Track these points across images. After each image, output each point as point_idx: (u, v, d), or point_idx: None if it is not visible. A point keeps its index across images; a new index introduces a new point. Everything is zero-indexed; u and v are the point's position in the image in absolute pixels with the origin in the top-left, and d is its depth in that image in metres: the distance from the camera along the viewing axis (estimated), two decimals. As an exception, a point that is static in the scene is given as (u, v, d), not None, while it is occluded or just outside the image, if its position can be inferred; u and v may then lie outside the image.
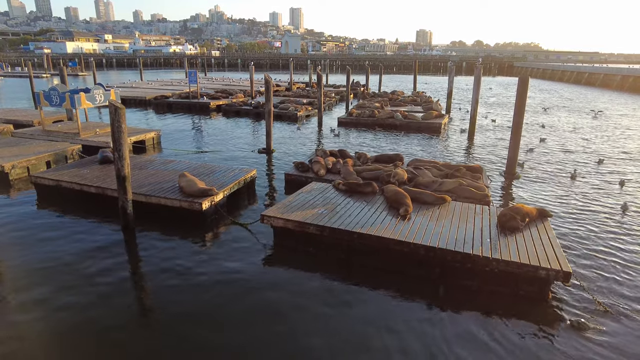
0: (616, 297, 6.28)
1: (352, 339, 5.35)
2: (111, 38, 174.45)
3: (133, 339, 5.39)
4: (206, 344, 5.25)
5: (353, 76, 34.11)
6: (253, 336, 5.40)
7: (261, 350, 5.17)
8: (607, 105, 31.87)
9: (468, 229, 7.22)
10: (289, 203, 8.37)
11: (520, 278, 6.20)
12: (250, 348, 5.20)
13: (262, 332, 5.48)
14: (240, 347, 5.20)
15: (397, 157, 12.17)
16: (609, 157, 14.96)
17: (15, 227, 8.66)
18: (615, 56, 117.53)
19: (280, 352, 5.13)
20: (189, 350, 5.13)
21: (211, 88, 35.77)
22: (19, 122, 18.50)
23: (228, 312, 5.88)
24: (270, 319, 5.73)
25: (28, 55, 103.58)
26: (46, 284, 6.51)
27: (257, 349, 5.19)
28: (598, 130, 20.86)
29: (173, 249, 7.74)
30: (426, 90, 41.74)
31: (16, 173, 11.68)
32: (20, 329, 5.53)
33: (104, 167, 10.95)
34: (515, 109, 12.25)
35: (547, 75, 72.32)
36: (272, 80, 15.04)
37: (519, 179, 12.18)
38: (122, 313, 5.88)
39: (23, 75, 58.71)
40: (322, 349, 5.18)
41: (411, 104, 27.29)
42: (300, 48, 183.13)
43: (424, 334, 5.45)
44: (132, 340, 5.36)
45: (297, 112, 23.00)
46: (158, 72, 76.18)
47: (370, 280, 6.72)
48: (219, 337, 5.40)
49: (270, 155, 14.99)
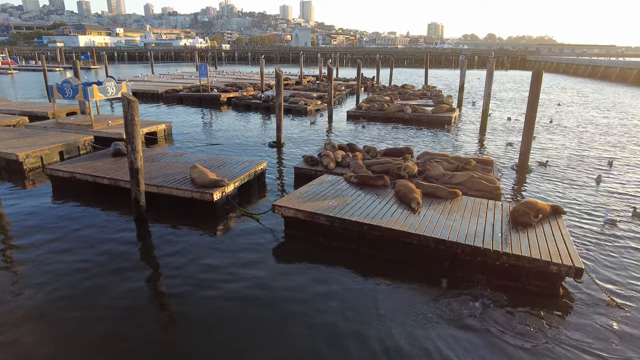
0: (629, 293, 6.21)
1: (359, 329, 5.38)
2: (122, 31, 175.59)
3: (145, 328, 5.48)
4: (218, 332, 5.32)
5: (363, 70, 33.92)
6: (263, 324, 5.46)
7: (269, 337, 5.23)
8: (627, 100, 31.24)
9: (479, 223, 7.18)
10: (300, 194, 8.41)
11: (531, 273, 6.16)
12: (259, 335, 5.26)
13: (272, 319, 5.53)
14: (249, 335, 5.26)
15: (406, 151, 12.11)
16: (626, 157, 14.69)
17: (30, 217, 8.84)
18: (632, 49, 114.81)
19: (288, 340, 5.18)
20: (201, 338, 5.21)
21: (221, 81, 35.85)
22: (34, 114, 18.82)
23: (239, 301, 5.94)
24: (279, 308, 5.78)
25: (42, 49, 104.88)
26: (60, 274, 6.65)
27: (266, 336, 5.25)
28: (619, 126, 20.48)
29: (185, 239, 7.84)
30: (437, 84, 41.30)
31: (30, 162, 11.89)
32: (32, 318, 5.66)
33: (117, 159, 11.09)
34: (529, 103, 12.10)
35: (561, 69, 71.07)
36: (282, 73, 15.03)
37: (531, 173, 12.05)
38: (135, 304, 5.97)
39: (37, 69, 59.57)
40: (330, 339, 5.22)
41: (421, 97, 27.09)
42: (311, 41, 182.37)
43: (431, 324, 5.45)
44: (144, 329, 5.45)
45: (307, 106, 22.97)
46: (169, 66, 76.57)
47: (379, 272, 6.73)
48: (231, 324, 5.46)
49: (280, 148, 15.03)
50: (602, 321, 5.54)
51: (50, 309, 5.79)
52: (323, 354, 4.99)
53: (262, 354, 5.00)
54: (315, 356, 4.98)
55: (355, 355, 4.96)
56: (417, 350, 5.04)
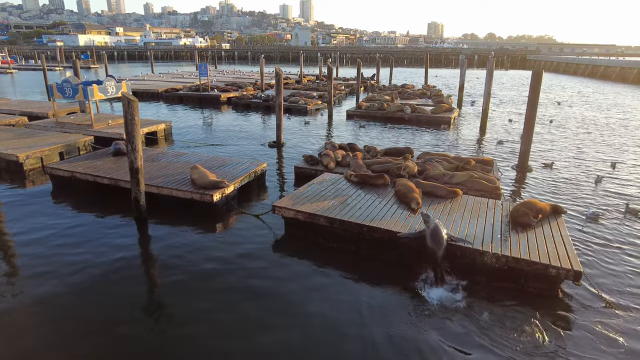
0: (628, 297, 6.21)
1: (358, 330, 5.39)
2: (122, 31, 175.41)
3: (144, 327, 5.48)
4: (217, 331, 5.33)
5: (363, 69, 33.90)
6: (261, 324, 5.46)
7: (269, 335, 5.24)
8: (627, 101, 31.25)
9: (479, 224, 7.18)
10: (301, 194, 8.41)
11: (530, 275, 6.15)
12: (259, 334, 5.27)
13: (271, 320, 5.54)
14: (249, 334, 5.27)
15: (407, 151, 12.12)
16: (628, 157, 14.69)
17: (30, 216, 8.84)
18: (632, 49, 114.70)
19: (287, 338, 5.19)
20: (200, 337, 5.21)
21: (221, 81, 35.84)
22: (34, 114, 18.79)
23: (239, 303, 5.95)
24: (279, 308, 5.78)
25: (41, 48, 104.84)
26: (59, 273, 6.65)
27: (265, 335, 5.26)
28: (621, 128, 20.48)
29: (184, 239, 7.84)
30: (437, 84, 41.28)
31: (30, 163, 11.89)
32: (31, 316, 5.66)
33: (117, 158, 11.09)
34: (529, 103, 12.12)
35: (560, 68, 71.03)
36: (282, 72, 15.03)
37: (531, 172, 12.06)
38: (134, 303, 5.98)
39: (37, 68, 59.50)
40: (329, 338, 5.22)
41: (421, 97, 27.08)
42: (311, 40, 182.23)
43: (426, 326, 5.46)
44: (143, 328, 5.46)
45: (307, 106, 22.97)
46: (169, 65, 76.50)
47: (378, 273, 6.73)
48: (230, 325, 5.47)
49: (280, 148, 15.03)
50: (600, 324, 5.52)
51: (49, 307, 5.79)
52: (322, 355, 5.00)
53: (261, 355, 5.01)
54: (314, 357, 4.99)
55: (353, 356, 4.97)
56: (413, 351, 5.05)
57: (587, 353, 5.03)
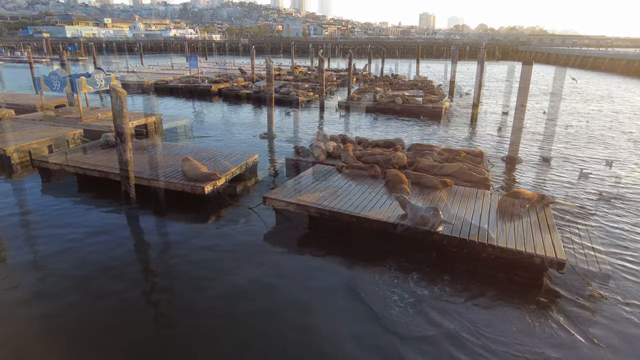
0: (612, 284, 6.36)
1: (347, 316, 5.47)
2: (111, 22, 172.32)
3: (136, 318, 5.52)
4: (209, 320, 5.38)
5: (355, 60, 33.78)
6: (252, 313, 5.53)
7: (260, 324, 5.30)
8: (617, 91, 31.58)
9: (467, 214, 7.28)
10: (291, 185, 8.45)
11: (515, 264, 6.27)
12: (248, 327, 5.33)
13: (260, 311, 5.60)
14: (240, 322, 5.33)
15: (397, 142, 12.18)
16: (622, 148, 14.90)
17: (19, 210, 8.78)
18: (621, 40, 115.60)
19: (275, 331, 5.26)
20: (192, 327, 5.26)
21: (212, 72, 35.53)
22: (21, 107, 18.47)
23: (229, 294, 6.00)
24: (268, 300, 5.85)
25: (27, 40, 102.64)
26: (50, 266, 6.64)
27: (257, 324, 5.32)
28: (612, 116, 20.72)
29: (176, 231, 7.85)
30: (428, 75, 41.28)
31: (18, 157, 11.74)
32: (24, 308, 5.66)
33: (106, 151, 11.01)
34: (519, 93, 12.21)
35: (551, 59, 71.37)
36: (273, 64, 14.94)
37: (521, 163, 12.20)
38: (125, 294, 6.00)
39: (23, 61, 58.25)
40: (319, 324, 5.31)
41: (412, 88, 27.10)
42: (302, 32, 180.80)
43: (415, 316, 5.56)
44: (135, 319, 5.49)
45: (299, 97, 22.89)
46: (158, 57, 75.50)
47: (367, 262, 6.81)
48: (221, 311, 5.53)
49: (271, 140, 15.01)
50: (584, 312, 5.67)
51: (40, 300, 5.80)
52: (314, 346, 5.08)
53: (251, 345, 5.07)
54: (306, 349, 5.06)
55: (342, 347, 5.06)
56: (401, 339, 5.15)
57: (570, 340, 5.16)
